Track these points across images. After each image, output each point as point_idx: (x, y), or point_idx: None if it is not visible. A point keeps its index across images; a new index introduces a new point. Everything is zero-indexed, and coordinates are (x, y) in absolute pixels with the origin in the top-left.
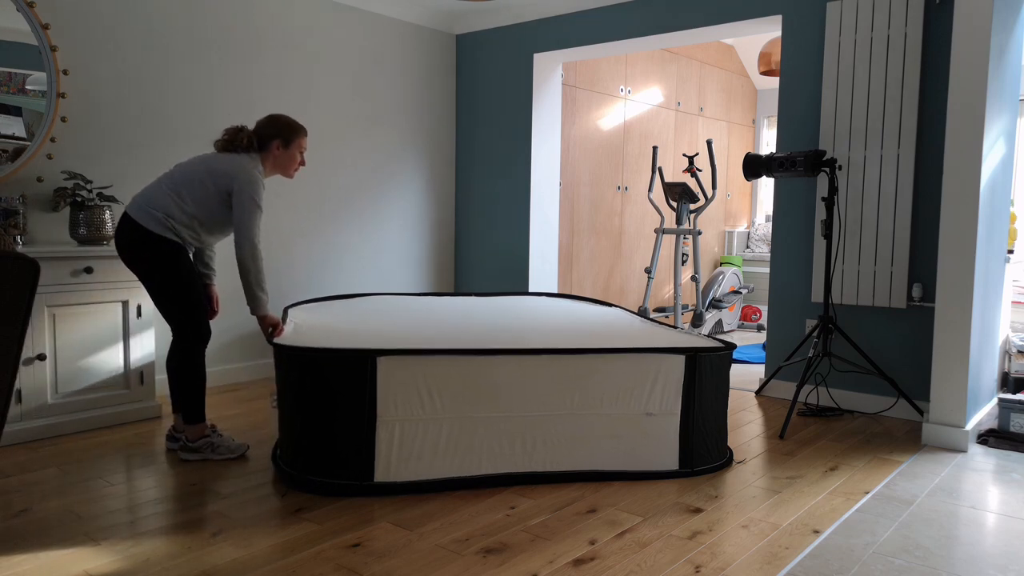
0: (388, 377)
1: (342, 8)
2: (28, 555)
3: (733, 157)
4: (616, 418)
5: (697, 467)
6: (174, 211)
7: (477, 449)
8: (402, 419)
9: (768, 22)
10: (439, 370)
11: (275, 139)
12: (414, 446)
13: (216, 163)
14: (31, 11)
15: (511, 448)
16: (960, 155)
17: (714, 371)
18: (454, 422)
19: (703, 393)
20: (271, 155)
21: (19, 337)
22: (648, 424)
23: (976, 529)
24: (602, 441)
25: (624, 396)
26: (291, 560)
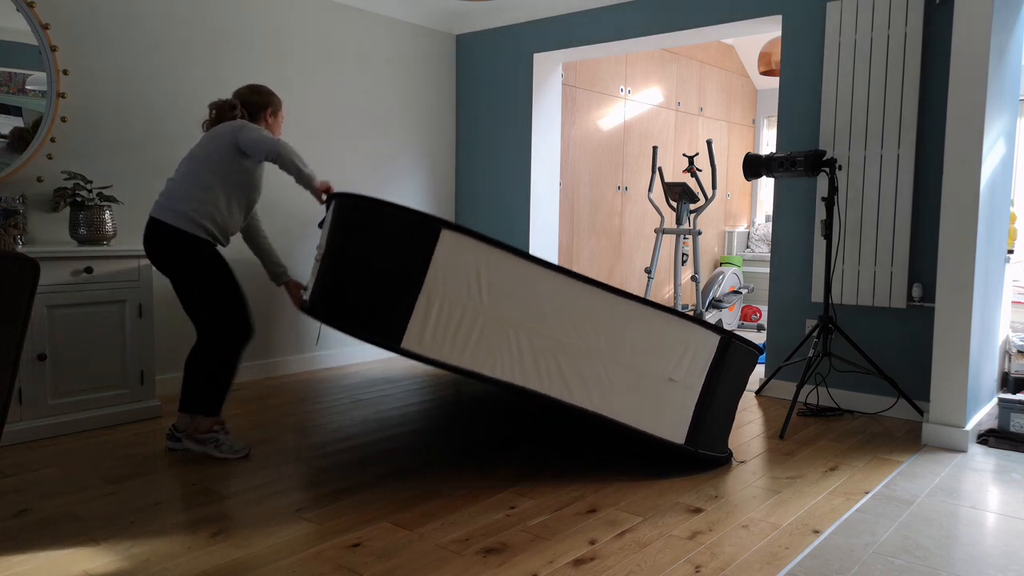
0: (446, 251)
1: (342, 8)
2: (28, 555)
3: (733, 157)
4: (640, 373)
5: (701, 448)
6: (193, 198)
7: (504, 353)
8: (445, 298)
9: (768, 22)
10: (495, 265)
11: (266, 108)
12: (448, 328)
13: (214, 131)
14: (31, 11)
15: (535, 365)
16: (960, 155)
17: (740, 363)
18: (492, 320)
19: (725, 379)
20: (263, 124)
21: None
22: (668, 390)
23: (976, 529)
24: (621, 391)
25: (653, 354)
26: (291, 560)
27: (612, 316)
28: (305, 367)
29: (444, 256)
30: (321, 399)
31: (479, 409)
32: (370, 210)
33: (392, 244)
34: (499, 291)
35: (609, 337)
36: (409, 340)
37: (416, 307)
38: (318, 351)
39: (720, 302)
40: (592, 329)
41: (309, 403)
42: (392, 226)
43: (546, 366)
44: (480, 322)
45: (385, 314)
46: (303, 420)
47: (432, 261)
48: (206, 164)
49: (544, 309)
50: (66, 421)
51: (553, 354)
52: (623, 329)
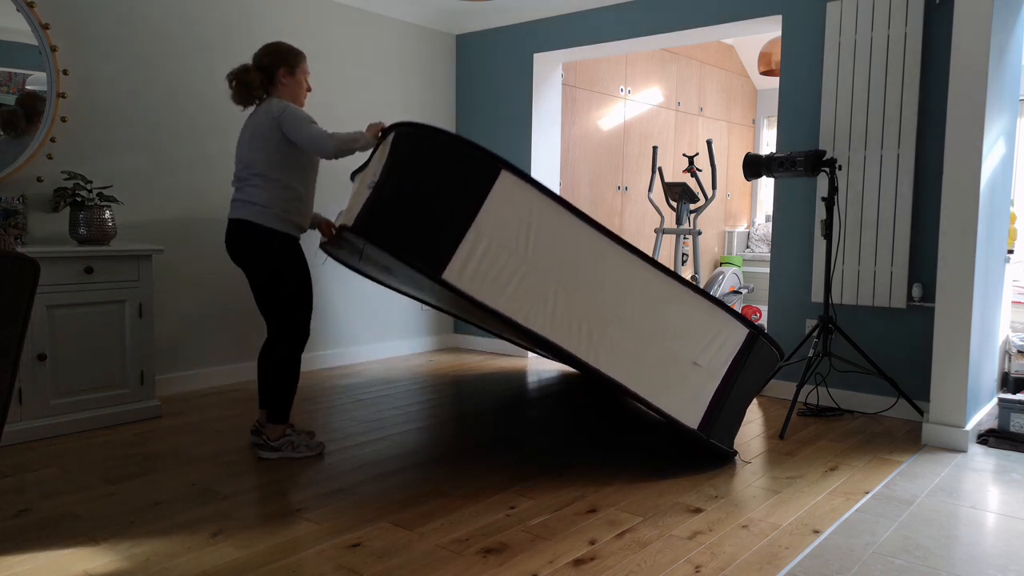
0: (503, 194)
1: (342, 8)
2: (28, 555)
3: (733, 157)
4: (668, 351)
5: (712, 438)
6: (274, 196)
7: (540, 306)
8: (493, 238)
9: (768, 22)
10: (548, 216)
11: (279, 67)
12: (491, 269)
13: (253, 123)
14: (31, 11)
15: (567, 323)
16: (960, 155)
17: (761, 361)
18: (535, 272)
19: (745, 375)
20: (278, 87)
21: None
22: (691, 373)
23: (976, 529)
24: (646, 365)
25: (684, 336)
26: (291, 560)
27: (653, 291)
28: (305, 367)
29: (499, 197)
30: (321, 399)
31: (479, 409)
32: (432, 139)
33: (450, 175)
34: (547, 244)
35: (646, 311)
36: (451, 272)
37: (464, 241)
38: (317, 351)
39: None
40: (632, 300)
41: (309, 403)
42: (452, 157)
43: (578, 327)
44: (522, 270)
45: (432, 242)
46: (303, 420)
47: (487, 199)
48: (269, 164)
49: (588, 272)
50: (66, 421)
51: (588, 317)
52: (662, 307)
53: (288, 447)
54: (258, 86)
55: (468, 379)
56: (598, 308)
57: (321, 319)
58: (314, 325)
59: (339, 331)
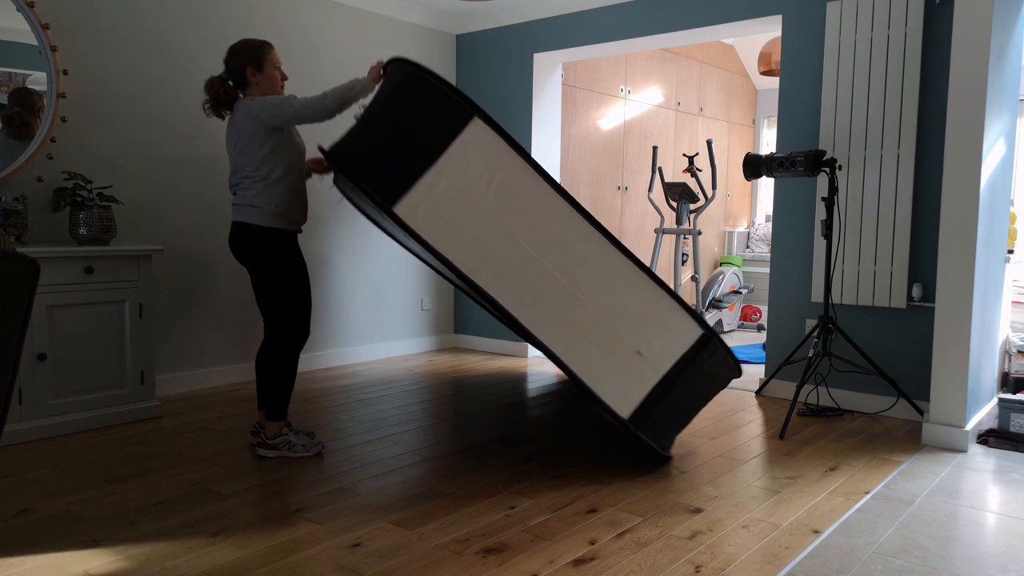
0: (472, 139)
1: (342, 8)
2: (28, 555)
3: (733, 157)
4: (612, 334)
5: (642, 432)
6: (265, 193)
7: (489, 259)
8: (454, 182)
9: (768, 22)
10: (514, 172)
11: (246, 67)
12: (445, 210)
13: (235, 128)
14: (31, 11)
15: (514, 283)
16: (960, 155)
17: (713, 368)
18: (490, 225)
19: (693, 377)
20: (251, 87)
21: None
22: (632, 361)
23: (976, 529)
24: (587, 342)
25: (633, 322)
26: (291, 560)
27: (610, 269)
28: (305, 367)
29: (468, 142)
30: (321, 399)
31: (479, 409)
32: (415, 76)
33: (424, 112)
34: (507, 198)
35: (597, 288)
36: (403, 207)
37: (423, 178)
38: (317, 351)
39: (720, 302)
40: (585, 274)
41: (309, 403)
42: (430, 95)
43: (523, 288)
44: (478, 220)
45: (392, 174)
46: (303, 420)
47: (455, 141)
48: (256, 164)
49: (544, 235)
50: (66, 421)
51: (536, 281)
52: (615, 286)
53: (285, 446)
54: (228, 93)
55: (468, 379)
56: (547, 274)
57: (321, 319)
58: (314, 325)
59: (339, 331)
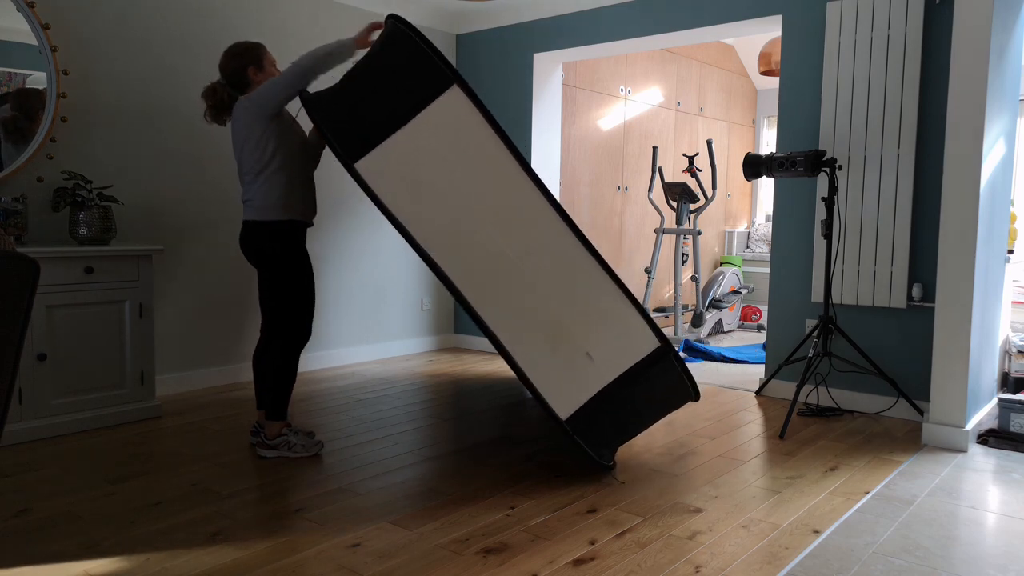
0: (446, 106)
1: (342, 8)
2: (28, 555)
3: (733, 157)
4: (563, 330)
5: (580, 437)
6: (262, 188)
7: (445, 230)
8: (422, 146)
9: (768, 22)
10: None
11: (248, 67)
12: (407, 174)
13: (235, 128)
14: (31, 11)
15: (466, 259)
16: (960, 155)
17: (665, 384)
18: (451, 196)
19: (642, 390)
20: (253, 85)
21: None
22: (579, 362)
23: (976, 529)
24: (535, 335)
25: (586, 322)
26: (291, 560)
27: (571, 265)
28: (304, 367)
29: (442, 108)
30: (321, 399)
31: (479, 409)
32: (401, 34)
33: (403, 71)
34: (474, 173)
35: (554, 281)
36: (364, 163)
37: (390, 138)
38: (317, 351)
39: (720, 302)
40: (543, 264)
41: (308, 403)
42: (412, 56)
43: (478, 269)
44: (439, 188)
45: (359, 129)
46: (302, 420)
47: (430, 106)
48: (259, 161)
49: (508, 218)
50: (66, 421)
51: (493, 262)
52: (573, 282)
53: (285, 446)
54: (231, 97)
55: (468, 379)
56: (503, 256)
57: (321, 319)
58: (314, 325)
59: (339, 331)
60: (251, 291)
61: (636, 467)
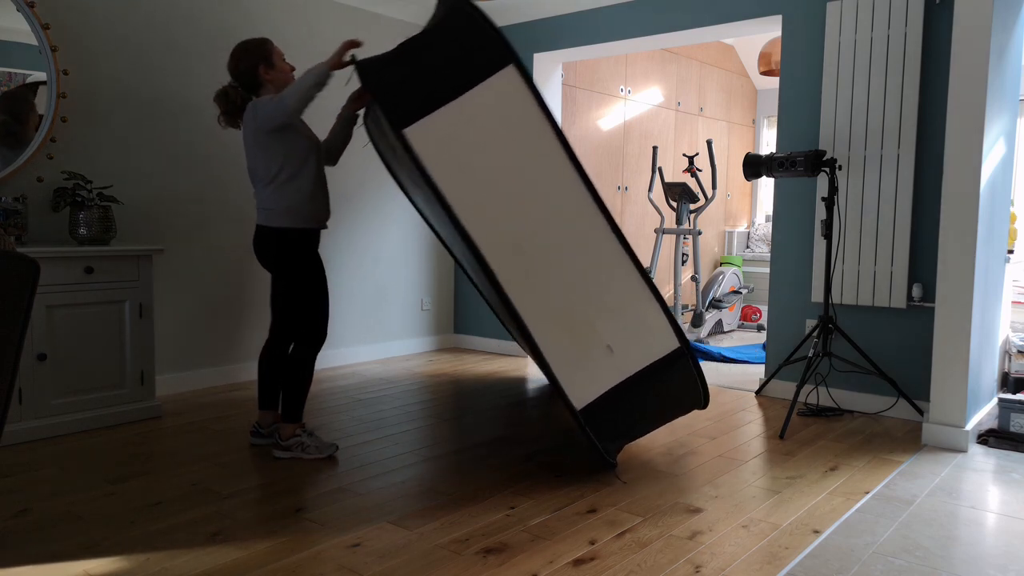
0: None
1: (342, 8)
2: (28, 555)
3: (733, 157)
4: (587, 321)
5: (591, 430)
6: (278, 196)
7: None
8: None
9: (768, 22)
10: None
11: (258, 66)
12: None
13: (245, 135)
14: (31, 11)
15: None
16: (960, 155)
17: (680, 384)
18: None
19: (657, 388)
20: (266, 85)
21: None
22: (600, 355)
23: (976, 529)
24: (560, 322)
25: (611, 316)
26: (291, 560)
27: (603, 258)
28: None
29: (496, 86)
30: (321, 399)
31: (479, 409)
32: (462, 10)
33: (461, 45)
34: (520, 155)
35: (586, 272)
36: (415, 132)
37: (443, 109)
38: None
39: (720, 302)
40: (576, 254)
41: (309, 403)
42: (471, 30)
43: (512, 249)
44: (484, 166)
45: (413, 96)
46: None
47: (484, 82)
48: (268, 168)
49: (548, 204)
50: (66, 421)
51: (528, 245)
52: (605, 276)
53: (298, 447)
54: (244, 99)
55: (468, 379)
56: (538, 241)
57: None
58: None
59: (339, 331)
60: (250, 291)
61: (636, 467)
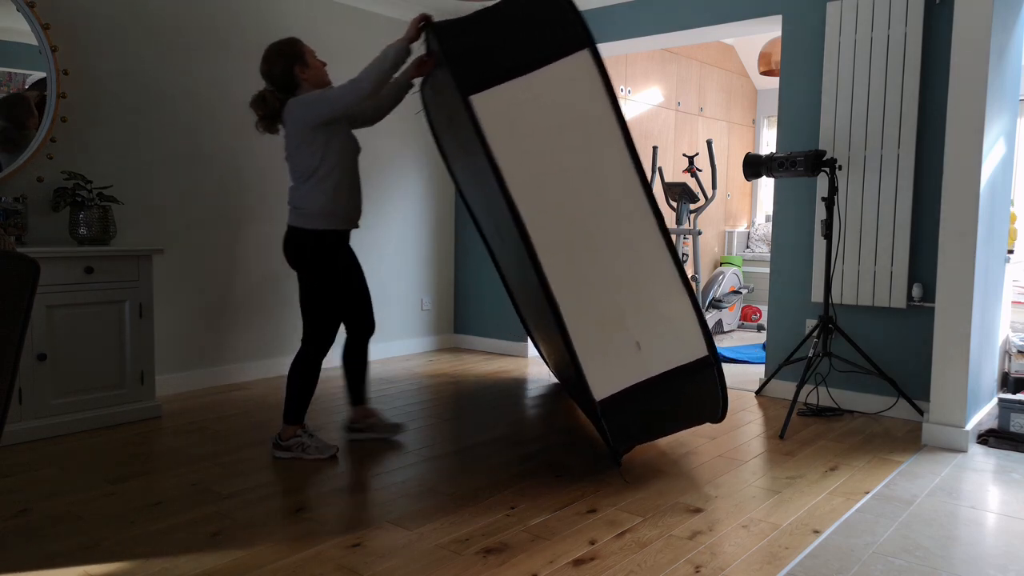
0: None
1: (342, 8)
2: (27, 555)
3: (733, 157)
4: (620, 315)
5: (607, 422)
6: (305, 194)
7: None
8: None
9: (768, 22)
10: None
11: (294, 66)
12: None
13: (285, 135)
14: (31, 11)
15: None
16: (960, 155)
17: (701, 397)
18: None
19: (678, 392)
20: (302, 84)
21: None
22: (626, 350)
23: (976, 529)
24: (594, 310)
25: (644, 313)
26: (291, 560)
27: (647, 255)
28: None
29: (567, 68)
30: (321, 399)
31: (479, 409)
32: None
33: (538, 22)
34: (581, 141)
35: (627, 267)
36: (483, 101)
37: (512, 82)
38: None
39: (720, 302)
40: (621, 248)
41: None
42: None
43: (557, 231)
44: (543, 145)
45: (484, 64)
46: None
47: (557, 62)
48: (304, 166)
49: (601, 194)
50: (66, 421)
51: (574, 230)
52: (645, 274)
53: (299, 448)
54: (279, 106)
55: (468, 379)
56: (584, 228)
57: None
58: None
59: (339, 331)
60: (250, 291)
61: (636, 467)
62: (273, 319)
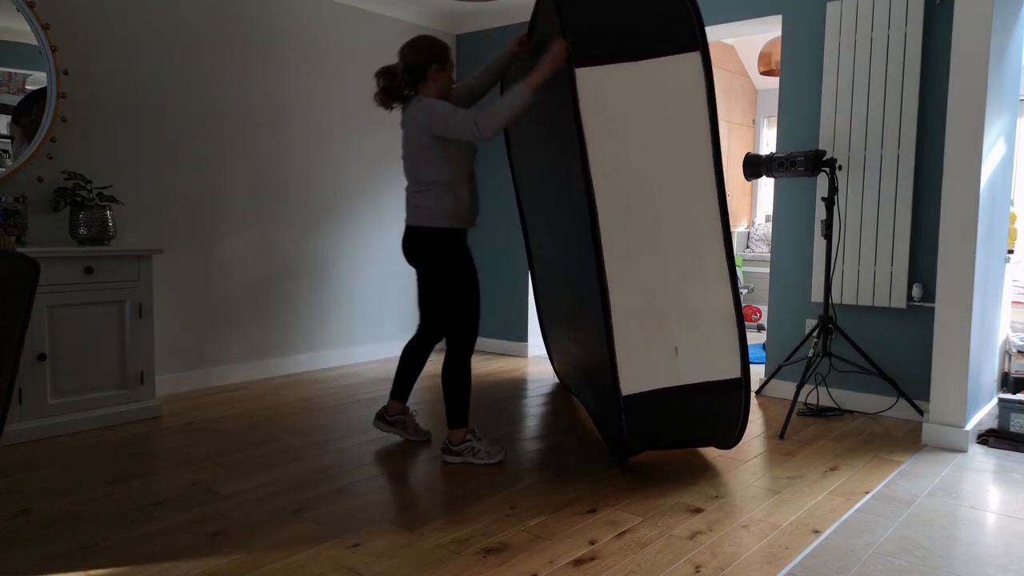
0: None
1: (342, 8)
2: (27, 555)
3: (733, 157)
4: (664, 317)
5: (628, 421)
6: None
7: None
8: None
9: (768, 22)
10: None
11: (431, 64)
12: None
13: (406, 134)
14: (31, 11)
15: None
16: (960, 155)
17: (723, 416)
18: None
19: (703, 405)
20: (429, 83)
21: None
22: (663, 354)
23: (976, 529)
24: (641, 306)
25: (690, 322)
26: (291, 560)
27: (705, 267)
28: (305, 367)
29: (677, 66)
30: (321, 399)
31: (479, 409)
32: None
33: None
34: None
35: (684, 275)
36: (585, 77)
37: (620, 64)
38: (317, 351)
39: None
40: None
41: (309, 403)
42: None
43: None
44: (632, 135)
45: (598, 42)
46: (303, 420)
47: (666, 57)
48: (426, 170)
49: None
50: (66, 421)
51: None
52: (699, 284)
53: (469, 452)
54: (403, 88)
55: None
56: (654, 226)
57: (321, 319)
58: (315, 325)
59: (339, 331)
60: (250, 291)
61: (636, 467)
62: (273, 319)
